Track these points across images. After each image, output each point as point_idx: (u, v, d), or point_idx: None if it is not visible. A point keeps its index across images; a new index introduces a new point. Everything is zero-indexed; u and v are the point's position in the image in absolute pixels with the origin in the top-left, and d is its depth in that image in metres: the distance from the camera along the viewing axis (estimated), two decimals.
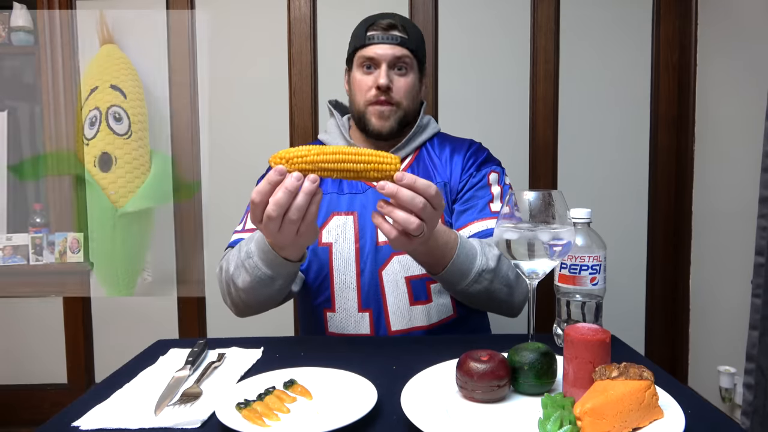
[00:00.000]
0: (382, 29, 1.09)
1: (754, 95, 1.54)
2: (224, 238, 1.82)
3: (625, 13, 1.93)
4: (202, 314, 2.04)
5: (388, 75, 1.08)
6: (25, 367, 2.06)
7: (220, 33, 1.94)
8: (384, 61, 1.08)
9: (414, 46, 1.11)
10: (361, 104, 1.12)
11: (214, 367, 0.79)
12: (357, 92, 1.13)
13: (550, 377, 0.67)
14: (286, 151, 0.74)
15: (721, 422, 0.62)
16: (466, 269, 0.92)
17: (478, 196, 1.10)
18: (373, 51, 1.08)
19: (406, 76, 1.11)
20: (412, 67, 1.12)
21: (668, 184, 1.97)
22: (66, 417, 0.65)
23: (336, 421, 0.59)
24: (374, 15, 1.13)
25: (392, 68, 1.09)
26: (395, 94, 1.09)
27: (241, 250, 0.94)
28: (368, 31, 1.10)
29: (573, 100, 1.95)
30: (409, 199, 0.73)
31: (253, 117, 1.98)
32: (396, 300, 1.06)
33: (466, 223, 1.08)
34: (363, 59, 1.10)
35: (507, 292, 0.97)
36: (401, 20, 1.12)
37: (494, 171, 1.14)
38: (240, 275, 0.93)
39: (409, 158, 1.16)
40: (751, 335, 1.35)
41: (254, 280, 0.91)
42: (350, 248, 1.08)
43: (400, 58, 1.09)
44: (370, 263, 1.07)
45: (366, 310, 1.07)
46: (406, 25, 1.12)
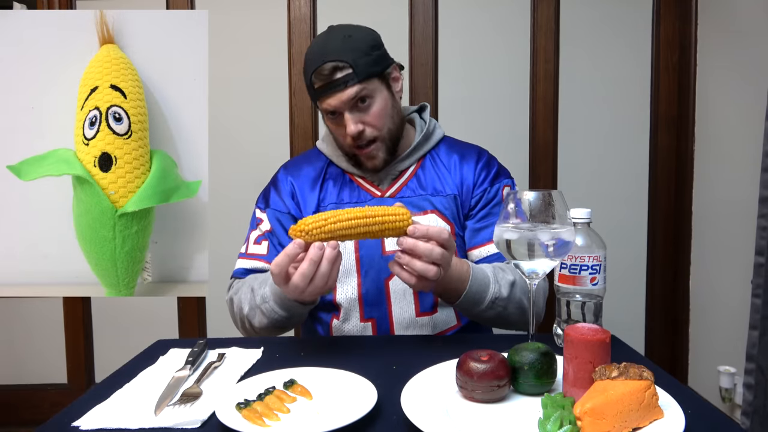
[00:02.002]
0: (325, 77, 0.99)
1: (754, 95, 1.54)
2: (224, 238, 1.82)
3: (625, 14, 1.93)
4: (202, 314, 2.04)
5: (354, 119, 1.01)
6: (25, 367, 2.06)
7: (220, 33, 1.94)
8: (343, 110, 1.01)
9: (364, 74, 0.99)
10: (345, 149, 1.09)
11: (214, 367, 0.79)
12: (336, 138, 1.10)
13: (550, 377, 0.67)
14: (303, 223, 0.79)
15: (721, 422, 0.62)
16: (480, 298, 0.94)
17: (493, 213, 1.09)
18: (328, 104, 1.01)
19: (373, 106, 1.03)
20: (374, 91, 1.02)
21: (668, 184, 1.97)
22: (66, 417, 0.65)
23: (336, 421, 0.59)
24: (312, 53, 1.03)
25: (355, 108, 1.02)
26: (369, 131, 1.03)
27: (255, 294, 0.96)
28: (314, 85, 1.02)
29: (573, 100, 1.95)
30: (428, 252, 0.80)
31: (253, 117, 1.98)
32: (401, 311, 1.05)
33: (483, 243, 1.07)
34: (324, 111, 1.05)
35: (520, 314, 0.99)
36: (340, 50, 0.99)
37: (507, 185, 1.12)
38: (256, 316, 0.96)
39: (413, 167, 1.12)
40: (751, 335, 1.35)
41: (271, 322, 0.95)
42: (350, 258, 1.06)
43: (355, 97, 1.00)
44: (373, 273, 1.05)
45: (369, 320, 1.06)
46: (347, 56, 0.99)
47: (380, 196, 1.10)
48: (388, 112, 1.05)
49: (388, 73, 1.07)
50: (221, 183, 1.97)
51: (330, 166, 1.15)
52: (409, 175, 1.12)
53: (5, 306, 2.04)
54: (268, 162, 1.25)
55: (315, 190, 1.12)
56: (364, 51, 1.01)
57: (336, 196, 1.11)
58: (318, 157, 1.17)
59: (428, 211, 1.08)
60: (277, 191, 1.15)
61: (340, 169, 1.14)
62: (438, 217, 1.07)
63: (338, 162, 1.13)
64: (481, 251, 1.07)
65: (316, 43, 1.05)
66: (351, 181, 1.12)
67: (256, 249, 1.11)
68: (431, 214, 1.07)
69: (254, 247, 1.11)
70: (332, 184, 1.12)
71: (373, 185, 1.11)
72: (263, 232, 1.11)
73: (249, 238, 1.14)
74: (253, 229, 1.14)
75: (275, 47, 1.95)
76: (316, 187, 1.12)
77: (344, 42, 1.01)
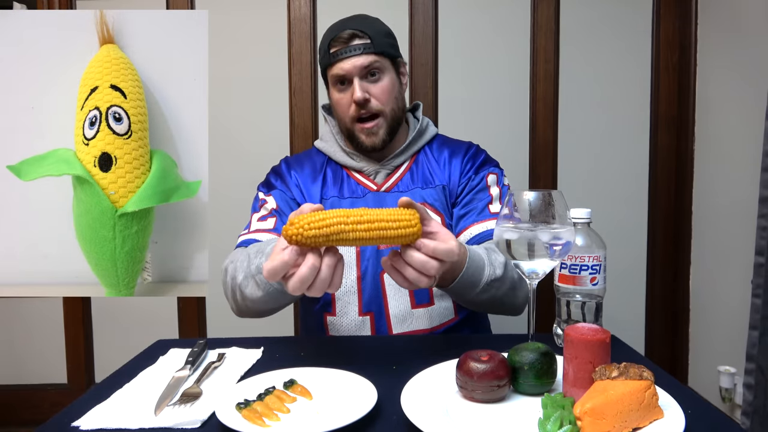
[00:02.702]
0: (343, 42, 1.05)
1: (754, 95, 1.54)
2: (224, 237, 1.82)
3: (625, 14, 1.93)
4: (202, 314, 2.04)
5: (362, 86, 1.05)
6: (25, 367, 2.06)
7: (220, 33, 1.94)
8: (354, 75, 1.05)
9: (380, 48, 1.07)
10: (346, 122, 1.11)
11: (214, 367, 0.79)
12: (339, 111, 1.11)
13: (550, 377, 0.67)
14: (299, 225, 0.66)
15: (721, 422, 0.62)
16: (476, 280, 0.91)
17: (477, 198, 1.10)
18: (340, 67, 1.05)
19: (381, 81, 1.08)
20: (385, 68, 1.08)
21: (668, 184, 1.97)
22: (66, 417, 0.65)
23: (336, 421, 0.59)
24: (334, 25, 1.10)
25: (365, 78, 1.06)
26: (375, 103, 1.07)
27: (251, 262, 0.92)
28: (331, 48, 1.06)
29: (573, 100, 1.95)
30: (423, 266, 0.73)
31: (253, 117, 1.98)
32: (397, 303, 1.06)
33: (466, 227, 1.08)
34: (334, 78, 1.08)
35: (512, 295, 0.98)
36: (361, 24, 1.08)
37: (492, 172, 1.14)
38: (249, 285, 0.92)
39: (407, 163, 1.15)
40: (751, 335, 1.35)
41: (265, 294, 0.90)
42: (351, 252, 1.07)
43: (368, 67, 1.05)
44: (371, 267, 1.07)
45: (367, 314, 1.07)
46: (367, 29, 1.07)
47: (376, 190, 1.13)
48: (394, 93, 1.10)
49: (399, 62, 1.14)
50: (221, 183, 1.97)
51: (329, 163, 1.17)
52: (403, 171, 1.15)
53: (5, 306, 2.04)
54: (268, 162, 1.25)
55: (317, 182, 1.14)
56: (382, 32, 1.10)
57: (338, 190, 1.13)
58: (317, 154, 1.20)
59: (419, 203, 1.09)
60: (281, 179, 1.16)
61: (338, 166, 1.16)
62: (428, 209, 1.08)
63: (336, 157, 1.16)
64: (464, 235, 1.07)
65: (337, 22, 1.10)
66: (348, 177, 1.15)
67: (261, 225, 1.09)
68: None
69: (259, 224, 1.09)
70: (332, 179, 1.15)
71: (370, 179, 1.14)
72: (269, 211, 1.10)
73: (251, 220, 1.12)
74: (256, 212, 1.13)
75: (275, 47, 1.95)
76: (318, 180, 1.14)
77: (365, 19, 1.10)
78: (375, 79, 1.07)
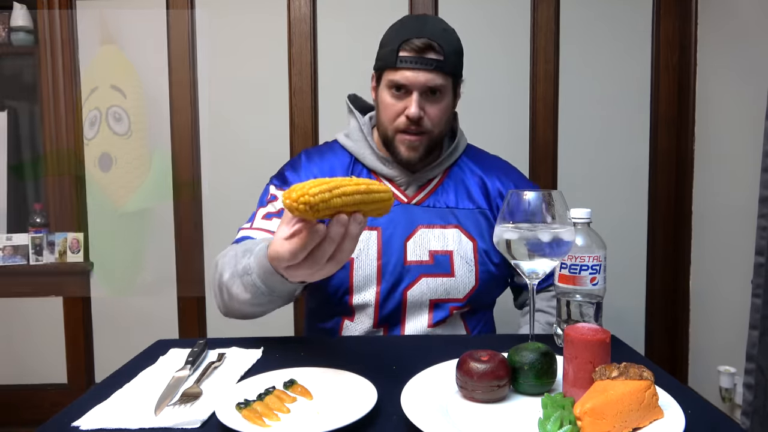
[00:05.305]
0: (416, 50, 0.97)
1: (754, 95, 1.54)
2: (224, 237, 1.82)
3: (625, 14, 1.93)
4: (202, 314, 2.04)
5: (420, 104, 0.98)
6: (26, 367, 2.06)
7: (220, 33, 1.94)
8: (416, 90, 0.98)
9: (450, 69, 1.00)
10: (389, 129, 1.03)
11: (214, 367, 0.79)
12: (384, 114, 1.03)
13: (550, 377, 0.67)
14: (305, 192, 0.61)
15: (721, 422, 0.61)
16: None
17: None
18: (404, 76, 0.97)
19: (440, 102, 1.01)
20: (447, 90, 1.01)
21: (668, 184, 1.97)
22: (66, 417, 0.65)
23: (336, 421, 0.59)
24: (409, 24, 1.00)
25: (424, 94, 0.99)
26: (427, 122, 1.00)
27: (238, 262, 0.84)
28: (400, 51, 0.97)
29: (573, 100, 1.95)
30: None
31: (253, 117, 1.98)
32: (415, 321, 1.03)
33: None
34: (392, 82, 0.99)
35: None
36: (440, 36, 0.98)
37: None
38: (234, 284, 0.85)
39: (440, 176, 1.09)
40: (751, 335, 1.35)
41: (253, 297, 0.83)
42: (372, 265, 1.02)
43: (434, 86, 0.98)
44: (393, 282, 1.02)
45: (381, 327, 1.03)
46: (444, 43, 0.98)
47: (407, 202, 1.07)
48: (447, 116, 1.05)
49: (459, 83, 1.07)
50: (221, 183, 1.97)
51: (355, 163, 1.09)
52: (435, 185, 1.09)
53: (5, 306, 2.04)
54: (268, 162, 1.25)
55: None
56: (456, 51, 1.02)
57: None
58: (341, 151, 1.11)
59: (450, 225, 1.05)
60: (298, 174, 1.07)
61: (365, 168, 1.09)
62: (460, 231, 1.05)
63: (365, 161, 1.08)
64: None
65: (412, 19, 1.02)
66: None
67: (265, 224, 1.01)
68: (453, 228, 1.05)
69: (263, 222, 1.02)
70: None
71: (400, 190, 1.07)
72: (277, 210, 1.02)
73: (256, 214, 1.04)
74: (263, 206, 1.05)
75: (275, 47, 1.95)
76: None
77: (444, 33, 1.01)
78: (435, 98, 1.00)
